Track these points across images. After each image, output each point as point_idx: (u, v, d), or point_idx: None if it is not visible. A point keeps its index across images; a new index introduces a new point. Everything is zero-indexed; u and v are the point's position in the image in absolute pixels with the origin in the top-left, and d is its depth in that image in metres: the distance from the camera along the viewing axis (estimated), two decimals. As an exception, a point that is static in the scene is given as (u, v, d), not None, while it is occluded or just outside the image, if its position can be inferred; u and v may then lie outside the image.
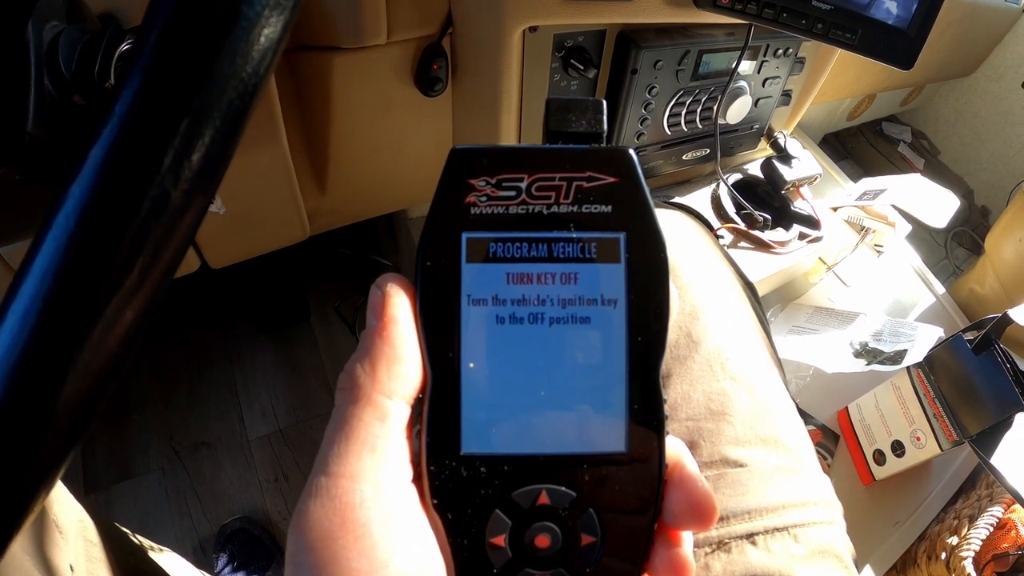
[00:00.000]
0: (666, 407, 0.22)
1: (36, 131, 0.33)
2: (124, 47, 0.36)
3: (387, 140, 0.79)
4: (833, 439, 0.91)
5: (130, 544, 0.70)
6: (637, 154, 0.23)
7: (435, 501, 0.21)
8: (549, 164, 0.22)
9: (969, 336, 0.75)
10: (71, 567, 0.54)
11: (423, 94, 0.73)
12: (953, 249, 1.67)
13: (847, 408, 0.91)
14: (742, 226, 0.97)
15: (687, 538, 0.22)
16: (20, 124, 0.32)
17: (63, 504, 0.57)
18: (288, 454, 1.18)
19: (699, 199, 1.03)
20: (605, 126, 0.23)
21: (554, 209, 0.22)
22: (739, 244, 0.98)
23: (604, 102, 0.24)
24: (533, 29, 0.68)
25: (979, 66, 1.63)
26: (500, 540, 0.21)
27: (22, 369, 0.18)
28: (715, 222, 0.99)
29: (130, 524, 0.71)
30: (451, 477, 0.21)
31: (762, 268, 0.96)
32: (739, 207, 0.99)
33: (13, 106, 0.32)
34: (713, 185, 1.04)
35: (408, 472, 0.21)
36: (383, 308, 0.21)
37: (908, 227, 1.06)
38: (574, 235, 0.22)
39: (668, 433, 0.22)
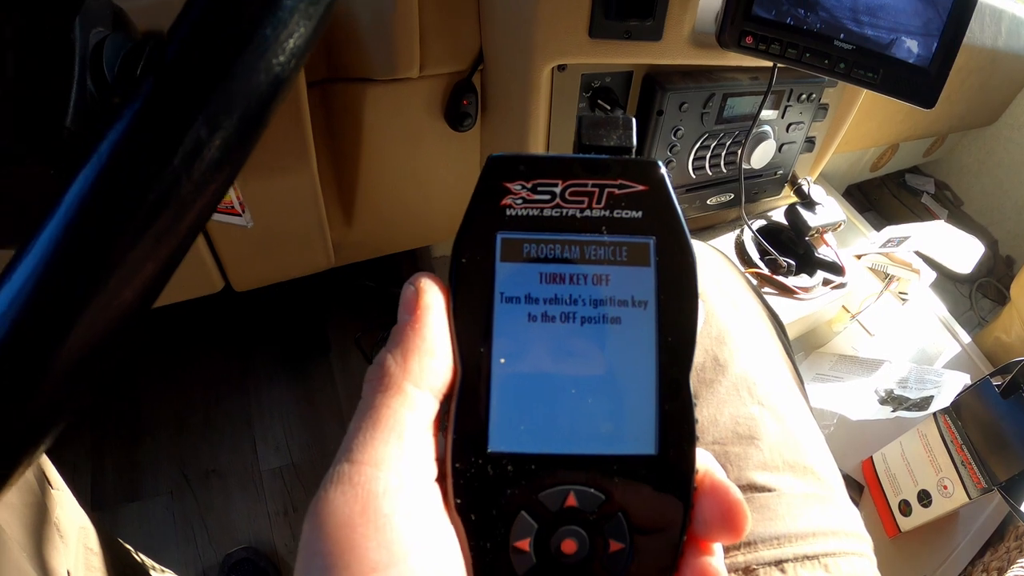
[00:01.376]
0: (696, 411, 0.22)
1: (75, 127, 0.34)
2: None
3: (414, 174, 0.80)
4: (857, 489, 0.88)
5: (132, 561, 0.69)
6: (666, 166, 0.23)
7: (458, 501, 0.21)
8: (582, 171, 0.23)
9: (996, 381, 0.73)
10: (68, 572, 0.54)
11: (452, 129, 0.74)
12: (978, 300, 1.65)
13: (872, 457, 0.89)
14: (766, 271, 0.97)
15: (718, 550, 0.21)
16: (60, 119, 0.33)
17: (66, 508, 0.57)
18: (299, 488, 1.17)
19: (723, 244, 1.03)
20: (635, 141, 0.24)
21: (587, 213, 0.23)
22: (763, 289, 0.97)
23: (634, 119, 0.24)
24: (562, 68, 0.69)
25: (1001, 115, 1.63)
26: (525, 544, 0.21)
27: (37, 300, 0.18)
28: (739, 267, 0.99)
29: (134, 546, 0.70)
30: (476, 476, 0.21)
31: (786, 313, 0.95)
32: (763, 252, 0.99)
33: (55, 102, 0.33)
34: (737, 231, 1.04)
35: (432, 470, 0.21)
36: (416, 302, 0.22)
37: (933, 274, 1.04)
38: (606, 238, 0.22)
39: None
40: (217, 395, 1.27)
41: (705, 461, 0.22)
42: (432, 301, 0.22)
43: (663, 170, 0.23)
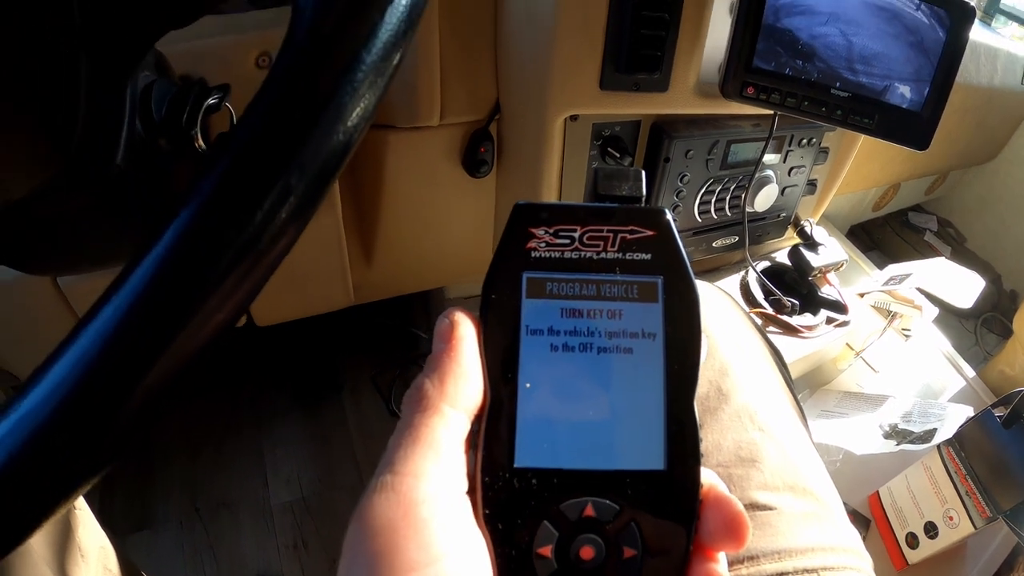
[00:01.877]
0: (701, 434, 0.24)
1: (124, 164, 0.37)
2: (210, 101, 0.41)
3: (432, 217, 0.83)
4: (864, 524, 0.89)
5: (146, 584, 0.70)
6: (673, 211, 0.26)
7: (487, 511, 0.23)
8: (598, 218, 0.25)
9: (999, 412, 0.75)
10: None
11: (469, 175, 0.78)
12: (983, 335, 1.66)
13: (878, 492, 0.90)
14: (771, 311, 0.99)
15: (722, 559, 0.24)
16: (111, 156, 0.36)
17: (87, 528, 0.59)
18: (310, 522, 1.18)
19: (728, 285, 1.05)
20: (644, 191, 0.27)
21: (602, 255, 0.25)
22: (768, 328, 1.00)
23: (643, 171, 0.27)
24: (574, 118, 0.73)
25: (1000, 151, 1.66)
26: (547, 551, 0.23)
27: (135, 323, 0.20)
28: (744, 307, 1.01)
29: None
30: (503, 488, 0.23)
31: (791, 352, 0.97)
32: (767, 293, 1.02)
33: (106, 140, 0.36)
34: (742, 272, 1.06)
35: (464, 484, 0.23)
36: (451, 333, 0.24)
37: (935, 310, 1.07)
38: (619, 277, 0.25)
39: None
40: (229, 429, 1.28)
41: (709, 477, 0.24)
42: (465, 332, 0.24)
43: (669, 217, 0.26)
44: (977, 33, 1.29)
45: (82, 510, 0.59)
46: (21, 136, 0.32)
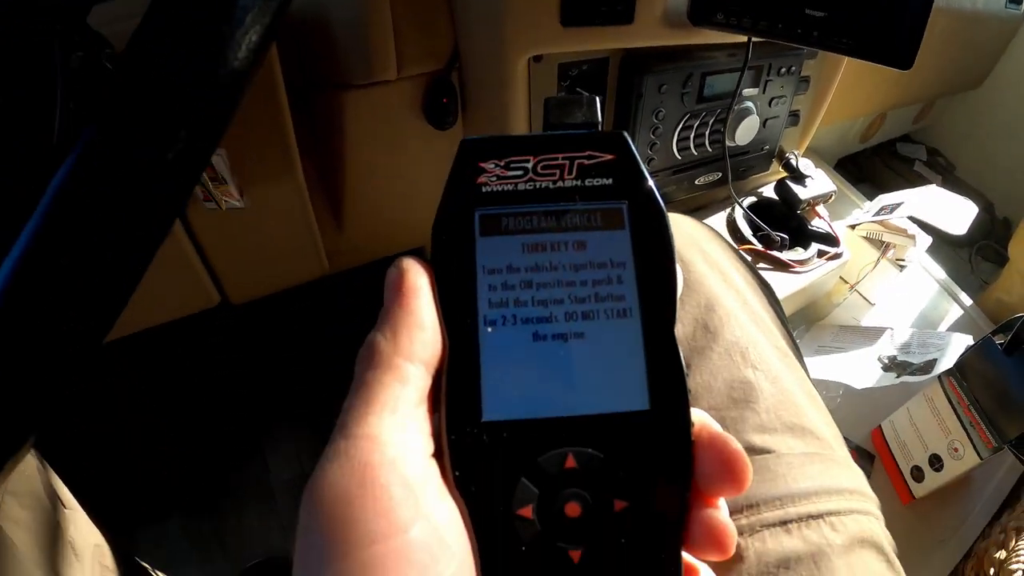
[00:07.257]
0: (690, 379, 0.22)
1: (61, 146, 0.35)
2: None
3: (401, 175, 0.80)
4: (868, 459, 0.88)
5: (150, 577, 0.70)
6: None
7: (457, 473, 0.21)
8: (552, 146, 0.23)
9: (999, 339, 0.73)
10: None
11: (434, 128, 0.74)
12: (978, 264, 1.64)
13: (880, 426, 0.89)
14: (760, 247, 0.97)
15: (723, 505, 0.21)
16: (47, 138, 0.35)
17: (79, 527, 0.58)
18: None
19: (715, 223, 1.02)
20: (600, 117, 0.25)
21: (559, 184, 0.23)
22: (758, 265, 0.97)
23: (597, 98, 0.25)
24: (537, 59, 0.69)
25: (986, 77, 1.62)
26: (528, 511, 0.20)
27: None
28: (729, 240, 0.99)
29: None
30: (473, 446, 0.21)
31: (783, 288, 0.95)
32: (755, 229, 0.99)
33: (41, 122, 0.35)
34: (728, 209, 1.04)
35: (430, 446, 0.21)
36: (401, 282, 0.22)
37: (928, 239, 1.04)
38: (579, 206, 0.23)
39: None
40: (226, 412, 1.27)
41: (700, 416, 0.22)
42: (416, 280, 0.22)
43: (628, 139, 0.24)
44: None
45: (73, 510, 0.58)
46: None
